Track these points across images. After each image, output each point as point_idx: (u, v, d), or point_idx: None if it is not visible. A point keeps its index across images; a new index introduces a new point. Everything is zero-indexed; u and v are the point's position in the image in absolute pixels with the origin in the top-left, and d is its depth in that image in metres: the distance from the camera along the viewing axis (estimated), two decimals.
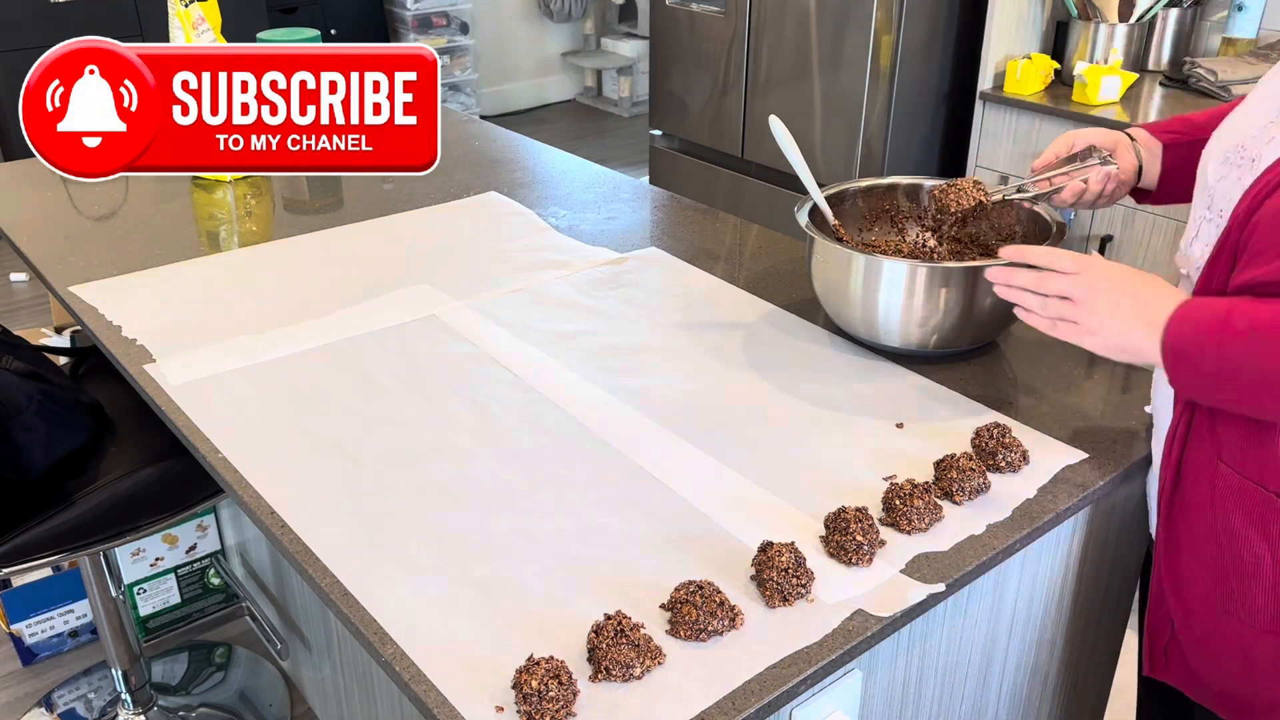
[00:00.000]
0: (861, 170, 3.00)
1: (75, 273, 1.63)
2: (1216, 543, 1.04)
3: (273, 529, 1.06)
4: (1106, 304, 1.02)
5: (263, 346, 1.40)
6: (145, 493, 1.58)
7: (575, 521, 1.06)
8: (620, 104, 6.06)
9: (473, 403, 1.27)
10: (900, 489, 1.05)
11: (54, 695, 2.12)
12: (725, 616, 0.91)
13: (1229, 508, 1.02)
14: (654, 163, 3.74)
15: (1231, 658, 1.07)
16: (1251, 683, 1.06)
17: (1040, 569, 1.15)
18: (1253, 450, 0.99)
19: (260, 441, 1.20)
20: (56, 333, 2.35)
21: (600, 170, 2.10)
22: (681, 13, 3.37)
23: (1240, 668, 1.07)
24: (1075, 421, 1.22)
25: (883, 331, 1.32)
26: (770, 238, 1.77)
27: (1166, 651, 1.15)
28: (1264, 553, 1.00)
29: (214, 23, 2.00)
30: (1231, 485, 1.01)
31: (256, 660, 2.19)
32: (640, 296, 1.54)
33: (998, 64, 2.86)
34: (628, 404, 1.26)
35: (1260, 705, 1.07)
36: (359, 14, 5.26)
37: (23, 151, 1.55)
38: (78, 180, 1.38)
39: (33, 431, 1.45)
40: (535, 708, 0.82)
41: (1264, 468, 0.99)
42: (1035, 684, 1.27)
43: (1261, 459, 0.99)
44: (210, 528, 2.23)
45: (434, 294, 1.55)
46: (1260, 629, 1.03)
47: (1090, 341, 1.05)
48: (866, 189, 1.49)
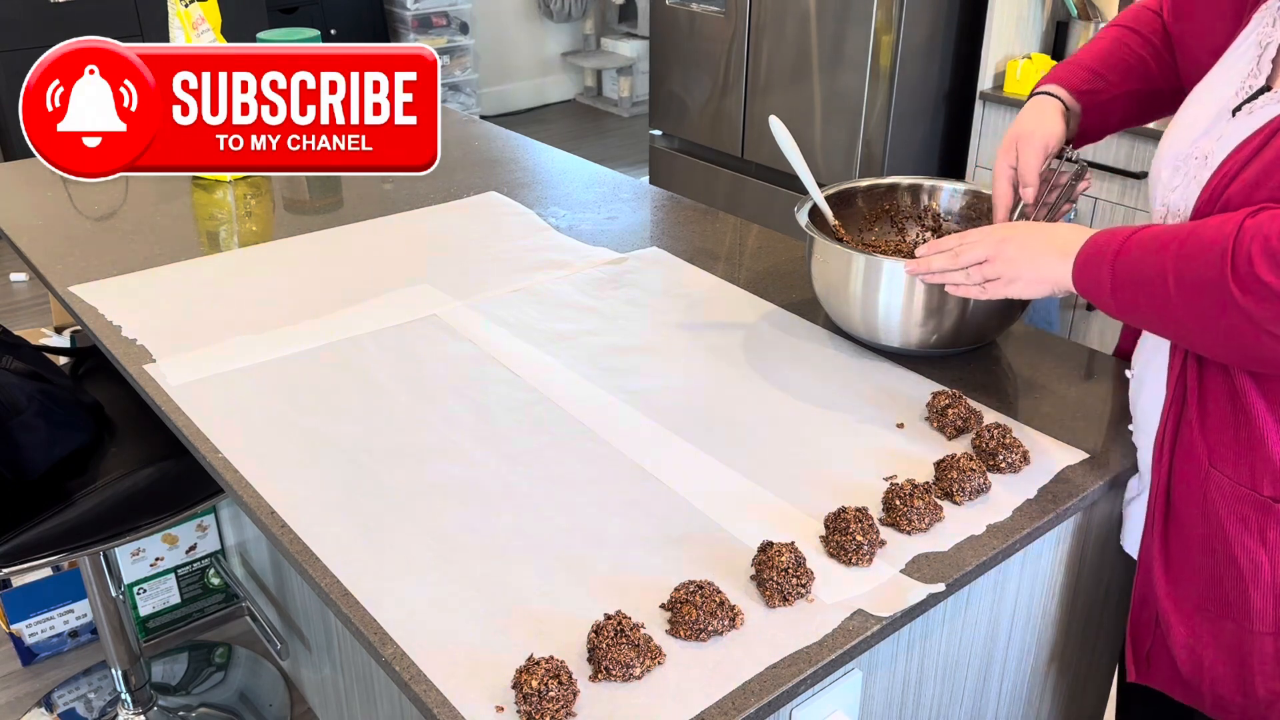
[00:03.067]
0: (861, 170, 3.00)
1: (75, 273, 1.63)
2: (1209, 550, 1.03)
3: (273, 529, 1.06)
4: (1019, 248, 1.08)
5: (263, 346, 1.40)
6: (145, 493, 1.58)
7: (575, 521, 1.06)
8: (620, 104, 6.06)
9: (473, 403, 1.27)
10: (900, 489, 1.05)
11: (54, 695, 2.12)
12: (725, 616, 0.91)
13: (1222, 514, 1.01)
14: (654, 163, 3.74)
15: (1227, 659, 1.07)
16: (1248, 682, 1.06)
17: (1040, 569, 1.15)
18: (1244, 455, 0.99)
19: (260, 441, 1.20)
20: (56, 333, 2.35)
21: (600, 170, 2.10)
22: (681, 13, 3.37)
23: (1235, 669, 1.07)
24: (1075, 421, 1.22)
25: (883, 331, 1.32)
26: (770, 238, 1.77)
27: (1149, 657, 1.15)
28: (1261, 559, 1.00)
29: (214, 23, 2.00)
30: (1224, 492, 1.00)
31: (256, 660, 2.19)
32: (640, 296, 1.54)
33: (998, 64, 2.86)
34: (628, 404, 1.26)
35: (1253, 705, 1.07)
36: (359, 14, 5.25)
37: (23, 151, 1.55)
38: (78, 180, 1.38)
39: (33, 431, 1.45)
40: (535, 708, 0.82)
41: (1256, 472, 0.98)
42: (1035, 684, 1.27)
43: (1254, 464, 0.98)
44: (210, 528, 2.23)
45: (434, 294, 1.55)
46: (1260, 632, 1.03)
47: (1016, 287, 1.09)
48: (867, 189, 1.49)
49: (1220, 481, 1.01)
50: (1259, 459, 0.98)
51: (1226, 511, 1.01)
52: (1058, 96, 1.24)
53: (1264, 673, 1.05)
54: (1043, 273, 1.06)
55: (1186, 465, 1.03)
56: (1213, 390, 1.01)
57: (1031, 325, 1.44)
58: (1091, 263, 1.01)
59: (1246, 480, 0.99)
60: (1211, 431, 1.01)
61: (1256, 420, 0.97)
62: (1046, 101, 1.24)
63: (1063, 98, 1.24)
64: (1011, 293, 1.11)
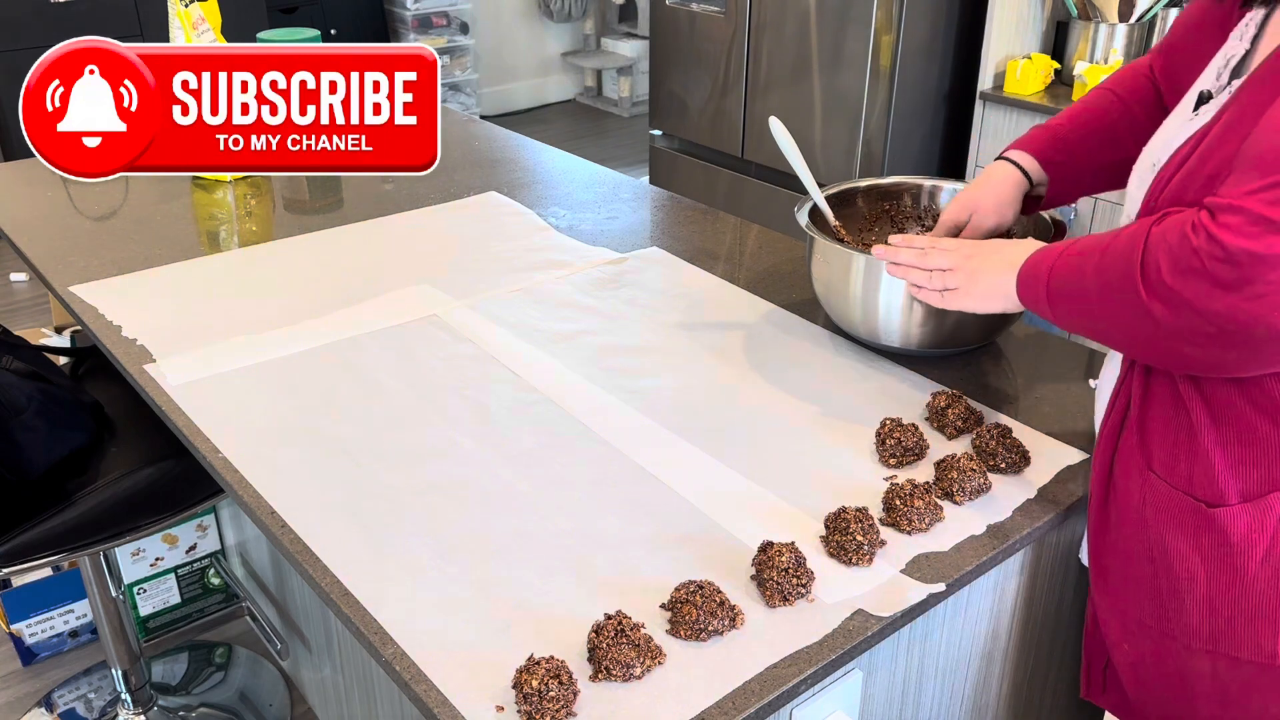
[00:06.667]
0: (861, 170, 3.00)
1: (75, 273, 1.63)
2: (1149, 560, 1.02)
3: (273, 529, 1.06)
4: (980, 263, 1.11)
5: (263, 346, 1.40)
6: (145, 493, 1.57)
7: (575, 521, 1.06)
8: (620, 104, 6.06)
9: (473, 402, 1.27)
10: (900, 489, 1.05)
11: (54, 695, 2.12)
12: (725, 616, 0.91)
13: (1160, 520, 0.99)
14: (654, 163, 3.74)
15: (1169, 681, 1.05)
16: (1190, 706, 1.04)
17: (1040, 569, 1.15)
18: (1182, 458, 0.97)
19: (260, 441, 1.20)
20: (56, 333, 2.35)
21: (600, 170, 2.10)
22: (681, 13, 3.37)
23: (1178, 691, 1.05)
24: (1075, 421, 1.22)
25: (883, 331, 1.32)
26: (770, 238, 1.77)
27: (1105, 674, 1.14)
28: (1197, 567, 0.98)
29: (214, 23, 2.00)
30: (1161, 496, 0.99)
31: (256, 660, 2.19)
32: (640, 296, 1.54)
33: (998, 64, 2.86)
34: (628, 404, 1.26)
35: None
36: (359, 14, 5.25)
37: (23, 151, 1.54)
38: (78, 180, 1.38)
39: (33, 431, 1.45)
40: (535, 707, 0.82)
41: (1192, 476, 0.97)
42: (1035, 684, 1.27)
43: (1190, 467, 0.97)
44: (210, 528, 2.23)
45: (434, 294, 1.55)
46: (1195, 649, 1.01)
47: (972, 301, 1.13)
48: (867, 189, 1.49)
49: (1157, 486, 0.99)
50: (1197, 464, 0.96)
51: (1164, 518, 0.99)
52: (1021, 166, 1.27)
53: (1204, 694, 1.02)
54: (994, 288, 1.09)
55: (1127, 471, 1.02)
56: (1156, 395, 0.99)
57: (1031, 325, 1.44)
58: (1031, 277, 1.04)
59: (1183, 485, 0.97)
60: (1151, 436, 1.00)
61: (1195, 425, 0.96)
62: (1003, 170, 1.28)
63: (1027, 167, 1.27)
64: (967, 305, 1.14)
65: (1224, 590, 0.97)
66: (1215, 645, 0.99)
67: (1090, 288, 0.95)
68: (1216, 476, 0.95)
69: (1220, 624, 0.98)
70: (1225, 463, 0.95)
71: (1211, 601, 0.98)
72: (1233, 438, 0.95)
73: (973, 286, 1.12)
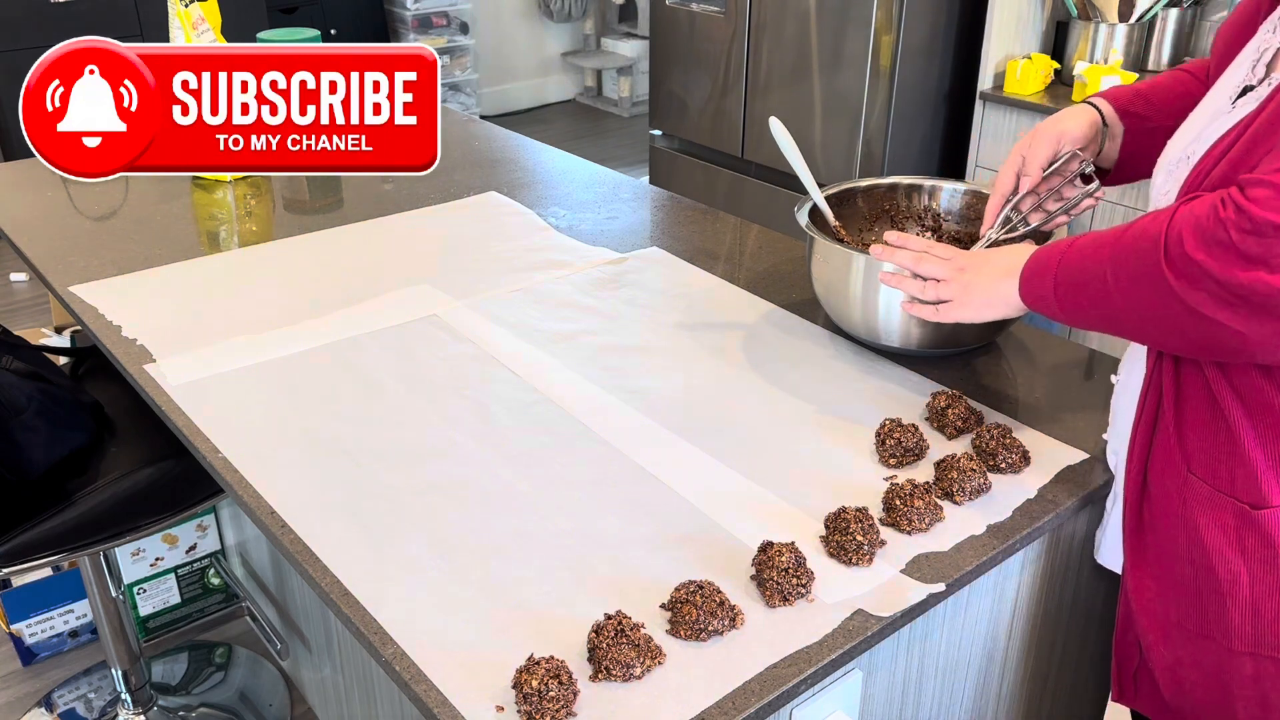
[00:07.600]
0: (861, 170, 3.00)
1: (75, 273, 1.63)
2: (1189, 561, 1.01)
3: (273, 529, 1.06)
4: (974, 274, 1.11)
5: (263, 346, 1.40)
6: (145, 493, 1.57)
7: (575, 521, 1.06)
8: (620, 104, 6.06)
9: (473, 402, 1.27)
10: (900, 489, 1.05)
11: (54, 695, 2.12)
12: (725, 616, 0.91)
13: (1201, 523, 0.99)
14: (654, 163, 3.74)
15: (1208, 683, 1.04)
16: (1229, 709, 1.04)
17: (1040, 569, 1.15)
18: (1223, 460, 0.97)
19: (260, 441, 1.20)
20: (56, 333, 2.35)
21: (600, 170, 2.10)
22: (681, 13, 3.37)
23: (1217, 693, 1.04)
24: (1075, 421, 1.22)
25: (883, 331, 1.32)
26: (770, 238, 1.77)
27: (1136, 677, 1.13)
28: (1240, 569, 0.98)
29: (214, 23, 2.00)
30: (1203, 499, 0.98)
31: (256, 660, 2.19)
32: (640, 296, 1.54)
33: (998, 64, 2.86)
34: (628, 404, 1.26)
35: None
36: (359, 14, 5.25)
37: (23, 151, 1.54)
38: (78, 180, 1.38)
39: (33, 431, 1.45)
40: (535, 707, 0.82)
41: (1235, 478, 0.96)
42: (1035, 684, 1.27)
43: (1233, 469, 0.96)
44: (210, 528, 2.23)
45: (434, 294, 1.55)
46: (1237, 651, 1.00)
47: (968, 311, 1.12)
48: (867, 189, 1.49)
49: (1199, 488, 0.98)
50: (1237, 465, 0.96)
51: (1205, 520, 0.98)
52: (1098, 107, 1.22)
53: (1245, 697, 1.02)
54: (992, 297, 1.09)
55: (1164, 472, 1.01)
56: (1190, 393, 0.99)
57: (1032, 325, 1.44)
58: (1035, 276, 1.03)
59: (1226, 487, 0.97)
60: (1189, 437, 0.99)
61: (1234, 425, 0.95)
62: (1081, 106, 1.23)
63: (1103, 110, 1.22)
64: (964, 317, 1.13)
65: (1268, 592, 0.97)
66: (1258, 647, 0.99)
67: (1106, 274, 0.94)
68: (1260, 478, 0.95)
69: (1264, 625, 0.98)
70: (1267, 463, 0.95)
71: (1255, 603, 0.98)
72: (1271, 437, 0.94)
73: (968, 298, 1.12)
